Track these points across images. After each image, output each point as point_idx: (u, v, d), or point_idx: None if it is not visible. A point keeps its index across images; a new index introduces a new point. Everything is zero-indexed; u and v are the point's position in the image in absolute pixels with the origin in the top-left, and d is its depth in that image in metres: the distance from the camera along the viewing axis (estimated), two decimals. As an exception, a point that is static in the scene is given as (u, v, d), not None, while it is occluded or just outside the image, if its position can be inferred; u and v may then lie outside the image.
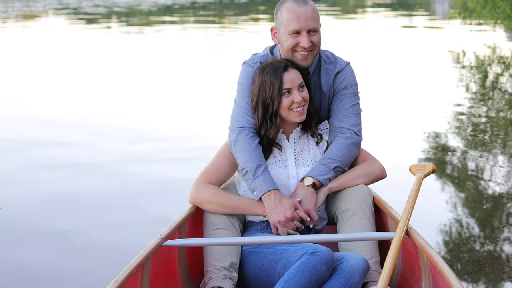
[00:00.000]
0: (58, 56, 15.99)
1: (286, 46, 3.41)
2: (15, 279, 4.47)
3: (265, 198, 3.30)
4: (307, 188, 3.34)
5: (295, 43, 3.39)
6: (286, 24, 3.39)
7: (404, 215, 3.09)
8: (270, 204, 3.28)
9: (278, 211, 3.26)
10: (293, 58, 3.42)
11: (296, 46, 3.39)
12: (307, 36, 3.38)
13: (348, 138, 3.47)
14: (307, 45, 3.37)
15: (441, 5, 33.43)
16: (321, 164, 3.41)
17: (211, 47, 17.10)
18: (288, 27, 3.38)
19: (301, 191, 3.34)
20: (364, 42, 17.50)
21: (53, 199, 5.97)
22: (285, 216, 3.25)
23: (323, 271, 2.99)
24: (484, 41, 16.65)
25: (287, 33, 3.39)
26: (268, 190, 3.29)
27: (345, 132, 3.49)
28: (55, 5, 36.02)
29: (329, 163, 3.40)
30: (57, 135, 8.34)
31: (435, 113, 9.11)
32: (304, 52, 3.40)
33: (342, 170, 3.44)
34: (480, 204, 5.73)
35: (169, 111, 9.80)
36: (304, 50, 3.39)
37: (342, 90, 3.55)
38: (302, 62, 3.42)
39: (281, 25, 3.43)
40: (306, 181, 3.35)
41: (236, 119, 3.46)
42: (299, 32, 3.38)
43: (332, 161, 3.41)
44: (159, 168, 6.88)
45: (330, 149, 3.47)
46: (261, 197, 3.30)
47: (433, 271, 2.95)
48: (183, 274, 3.39)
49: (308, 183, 3.34)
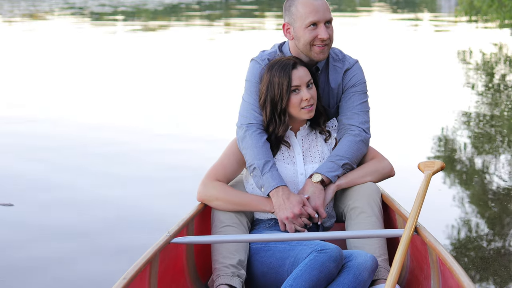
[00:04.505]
0: (64, 56, 16.00)
1: (304, 40, 3.40)
2: (29, 276, 4.48)
3: (273, 194, 3.29)
4: (316, 185, 3.33)
5: (314, 36, 3.38)
6: (303, 17, 3.38)
7: (413, 212, 3.08)
8: (278, 200, 3.27)
9: (286, 207, 3.25)
10: (310, 53, 3.41)
11: (315, 39, 3.38)
12: (325, 28, 3.38)
13: (356, 135, 3.47)
14: (326, 37, 3.37)
15: (447, 3, 33.38)
16: (329, 161, 3.40)
17: (218, 45, 17.11)
18: (306, 19, 3.37)
19: (310, 187, 3.33)
20: (370, 41, 17.48)
21: (67, 199, 5.97)
22: (293, 212, 3.24)
23: (331, 269, 2.98)
24: (491, 40, 16.61)
25: (304, 26, 3.38)
26: (276, 186, 3.28)
27: (353, 129, 3.48)
28: (61, 4, 36.08)
29: (337, 160, 3.39)
30: (65, 134, 8.35)
31: (442, 111, 9.09)
32: (322, 45, 3.39)
33: (351, 167, 3.43)
34: (487, 202, 5.71)
35: (176, 108, 9.80)
36: (322, 43, 3.38)
37: (351, 87, 3.55)
38: (320, 55, 3.41)
39: (296, 19, 3.41)
40: (314, 177, 3.34)
41: (244, 116, 3.45)
42: (316, 24, 3.38)
43: (340, 158, 3.40)
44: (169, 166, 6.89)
45: (338, 146, 3.46)
46: (269, 193, 3.30)
47: (442, 268, 2.94)
48: (191, 272, 3.39)
49: (316, 180, 3.33)
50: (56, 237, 5.10)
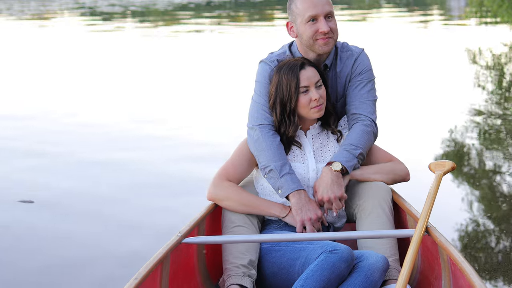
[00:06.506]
0: (74, 56, 16.06)
1: (306, 36, 3.41)
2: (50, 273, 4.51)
3: (294, 195, 3.28)
4: (336, 173, 3.32)
5: (315, 31, 3.38)
6: (302, 13, 3.40)
7: (424, 212, 3.08)
8: (301, 201, 3.28)
9: (310, 209, 3.26)
10: (314, 47, 3.42)
11: (316, 33, 3.39)
12: (325, 21, 3.38)
13: (368, 125, 3.47)
14: (326, 29, 3.37)
15: (457, 3, 33.30)
16: (345, 150, 3.39)
17: (227, 46, 17.12)
18: (305, 15, 3.39)
19: (329, 175, 3.32)
20: (379, 40, 17.45)
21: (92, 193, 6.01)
22: (317, 214, 3.26)
23: (342, 269, 2.98)
24: (501, 40, 16.56)
25: (305, 22, 3.39)
26: (297, 189, 3.29)
27: (363, 119, 3.48)
28: (71, 4, 36.16)
29: (352, 149, 3.38)
30: (77, 134, 8.39)
31: (453, 111, 9.08)
32: (325, 37, 3.39)
33: (363, 158, 3.44)
34: (498, 202, 5.70)
35: (183, 108, 9.82)
36: (324, 36, 3.39)
37: (357, 75, 3.55)
38: (324, 48, 3.41)
39: (297, 16, 3.43)
40: (335, 166, 3.33)
41: (255, 117, 3.45)
42: (316, 18, 3.38)
43: (355, 147, 3.39)
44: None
45: (351, 135, 3.45)
46: (288, 195, 3.30)
47: (453, 268, 2.93)
48: (202, 271, 3.39)
49: (337, 169, 3.33)
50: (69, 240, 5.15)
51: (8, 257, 4.79)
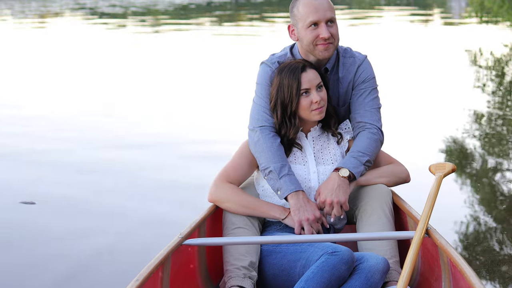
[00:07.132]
0: (74, 57, 16.06)
1: (306, 41, 3.42)
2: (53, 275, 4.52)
3: (292, 196, 3.30)
4: (344, 179, 3.33)
5: (315, 36, 3.39)
6: (304, 17, 3.41)
7: (424, 214, 3.09)
8: (299, 202, 3.29)
9: (307, 209, 3.27)
10: (314, 52, 3.43)
11: (316, 38, 3.40)
12: (326, 27, 3.39)
13: (375, 133, 3.48)
14: (326, 35, 3.38)
15: (457, 4, 33.31)
16: (352, 157, 3.40)
17: (228, 47, 17.12)
18: (306, 19, 3.40)
19: (336, 180, 3.33)
20: (380, 41, 17.46)
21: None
22: (314, 215, 3.27)
23: (343, 271, 2.99)
24: (502, 41, 16.57)
25: (306, 26, 3.40)
26: (296, 190, 3.30)
27: (370, 127, 3.50)
28: (71, 5, 36.18)
29: (359, 156, 3.40)
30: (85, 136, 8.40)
31: (453, 112, 9.08)
32: (325, 43, 3.40)
33: (370, 165, 3.45)
34: (498, 203, 5.70)
35: (186, 111, 9.82)
36: (324, 42, 3.39)
37: (361, 83, 3.56)
38: (324, 53, 3.42)
39: (298, 20, 3.44)
40: (342, 172, 3.34)
41: (256, 118, 3.46)
42: (317, 23, 3.39)
43: (362, 155, 3.40)
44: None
45: (358, 143, 3.46)
46: (287, 196, 3.31)
47: (453, 270, 2.94)
48: (203, 273, 3.40)
49: (345, 175, 3.34)
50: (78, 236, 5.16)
51: (10, 258, 4.80)
